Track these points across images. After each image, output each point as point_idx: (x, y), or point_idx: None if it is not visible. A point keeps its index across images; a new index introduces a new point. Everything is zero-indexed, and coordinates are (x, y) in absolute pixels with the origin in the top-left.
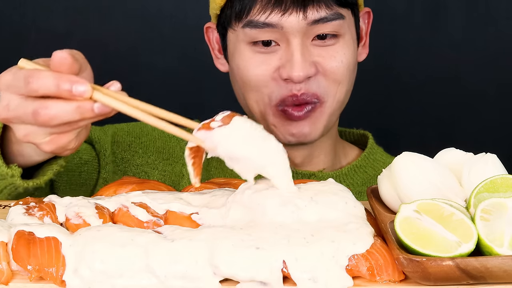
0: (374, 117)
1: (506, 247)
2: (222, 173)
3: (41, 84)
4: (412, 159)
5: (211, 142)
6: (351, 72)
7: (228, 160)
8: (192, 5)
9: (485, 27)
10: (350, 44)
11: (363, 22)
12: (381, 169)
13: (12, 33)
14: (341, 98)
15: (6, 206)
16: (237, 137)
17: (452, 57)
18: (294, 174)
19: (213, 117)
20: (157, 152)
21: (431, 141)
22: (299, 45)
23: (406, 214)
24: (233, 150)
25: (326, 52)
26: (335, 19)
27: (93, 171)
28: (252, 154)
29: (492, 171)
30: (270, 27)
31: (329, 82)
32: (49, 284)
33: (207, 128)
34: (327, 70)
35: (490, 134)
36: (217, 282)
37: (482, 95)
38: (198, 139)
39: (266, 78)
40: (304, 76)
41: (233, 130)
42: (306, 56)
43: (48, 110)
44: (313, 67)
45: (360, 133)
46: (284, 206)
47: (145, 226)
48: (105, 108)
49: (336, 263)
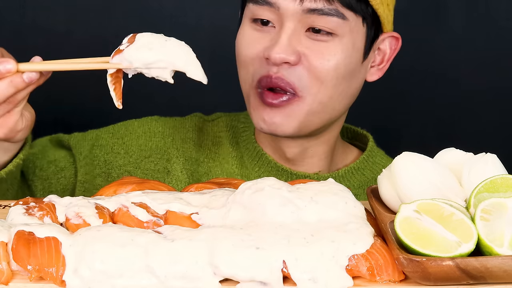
0: (374, 117)
1: (506, 247)
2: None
3: None
4: (412, 159)
5: (127, 62)
6: (338, 75)
7: (146, 71)
8: (192, 5)
9: (485, 27)
10: (347, 49)
11: (389, 47)
12: (380, 172)
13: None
14: (323, 100)
15: (6, 206)
16: (144, 48)
17: (452, 57)
18: (289, 175)
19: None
20: (139, 150)
21: (431, 141)
22: (290, 29)
23: (406, 214)
24: (144, 59)
25: (316, 46)
26: (332, 16)
27: (71, 176)
28: (159, 55)
29: (492, 171)
30: (268, 5)
31: (311, 78)
32: (49, 284)
33: (118, 52)
34: (311, 65)
35: (490, 134)
36: (217, 282)
37: (482, 95)
38: (115, 64)
39: (253, 56)
40: (282, 59)
41: (139, 44)
42: (293, 41)
43: None
44: (295, 55)
45: (360, 132)
46: (284, 206)
47: (145, 226)
48: (32, 74)
49: (336, 263)
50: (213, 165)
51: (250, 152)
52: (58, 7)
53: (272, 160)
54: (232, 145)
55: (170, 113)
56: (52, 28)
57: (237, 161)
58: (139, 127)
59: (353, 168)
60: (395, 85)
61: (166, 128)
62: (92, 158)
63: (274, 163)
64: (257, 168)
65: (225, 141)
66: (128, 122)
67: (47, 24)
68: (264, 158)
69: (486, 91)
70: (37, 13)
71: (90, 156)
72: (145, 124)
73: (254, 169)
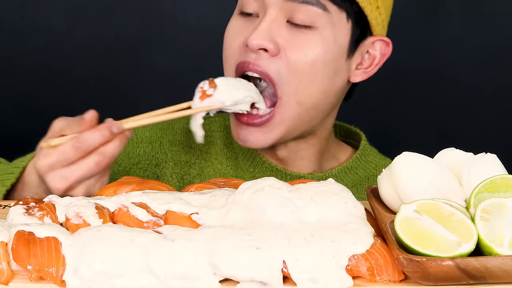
0: (373, 117)
1: (506, 247)
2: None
3: (91, 141)
4: (412, 159)
5: (219, 102)
6: (317, 71)
7: (234, 106)
8: (192, 5)
9: (484, 26)
10: (327, 42)
11: (379, 52)
12: (373, 171)
13: (12, 33)
14: (302, 100)
15: (6, 206)
16: (231, 89)
17: (451, 56)
18: (284, 175)
19: (200, 90)
20: (127, 158)
21: (431, 141)
22: (271, 16)
23: (406, 214)
24: (234, 97)
25: (295, 40)
26: (313, 5)
27: None
28: (245, 93)
29: (492, 171)
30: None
31: (289, 73)
32: (49, 284)
33: (207, 96)
34: (289, 60)
35: (490, 134)
36: (217, 282)
37: (481, 94)
38: (208, 106)
39: (235, 46)
40: (259, 45)
41: (225, 87)
42: (273, 29)
43: (106, 154)
44: (274, 44)
45: (353, 130)
46: (284, 206)
47: (145, 226)
48: (130, 132)
49: (336, 263)
50: (205, 166)
51: (245, 153)
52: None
53: (266, 160)
54: (226, 145)
55: None
56: (52, 28)
57: (232, 162)
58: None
59: (346, 168)
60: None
61: (153, 132)
62: None
63: (268, 163)
64: (251, 168)
65: (219, 141)
66: None
67: (47, 24)
68: (258, 159)
69: (486, 90)
70: (37, 13)
71: None
72: (133, 131)
73: (248, 170)
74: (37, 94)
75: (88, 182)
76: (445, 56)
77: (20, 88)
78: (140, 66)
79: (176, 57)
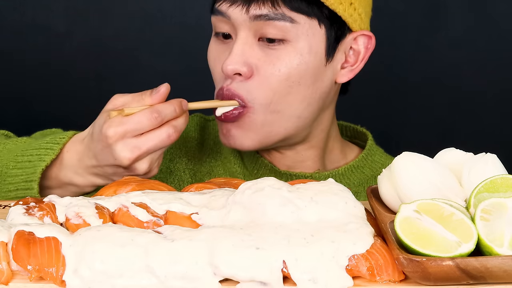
0: (373, 116)
1: (506, 247)
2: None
3: (167, 113)
4: (412, 159)
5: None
6: (293, 83)
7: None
8: (192, 5)
9: (485, 27)
10: (301, 54)
11: (363, 46)
12: (380, 170)
13: (12, 32)
14: (278, 109)
15: (6, 206)
16: None
17: (452, 57)
18: (288, 176)
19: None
20: None
21: (431, 141)
22: (242, 39)
23: (406, 214)
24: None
25: (268, 57)
26: (279, 20)
27: None
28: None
29: (492, 171)
30: (222, 16)
31: (263, 89)
32: (49, 284)
33: None
34: (262, 77)
35: (490, 134)
36: (217, 282)
37: (482, 95)
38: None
39: (217, 72)
40: (233, 70)
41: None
42: (245, 52)
43: (177, 128)
44: (247, 67)
45: (360, 130)
46: (284, 206)
47: (145, 226)
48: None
49: (336, 263)
50: (215, 165)
51: (248, 154)
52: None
53: (268, 163)
54: None
55: None
56: (52, 27)
57: (239, 160)
58: None
59: (352, 166)
60: (395, 85)
61: None
62: None
63: (271, 166)
64: (255, 170)
65: None
66: None
67: (47, 24)
68: (261, 162)
69: (486, 91)
70: (37, 12)
71: None
72: None
73: (253, 171)
74: (37, 93)
75: (154, 155)
76: (446, 57)
77: (20, 86)
78: (140, 66)
79: (176, 58)
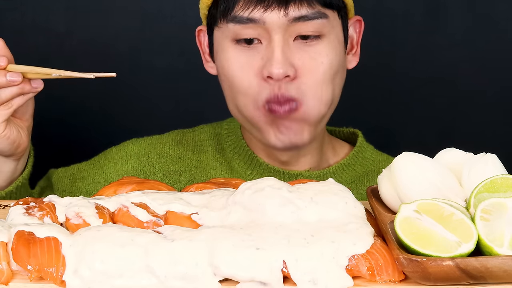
0: (373, 116)
1: (506, 247)
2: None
3: None
4: (412, 159)
5: None
6: (334, 73)
7: None
8: (192, 5)
9: (485, 27)
10: (335, 45)
11: (354, 31)
12: (371, 167)
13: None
14: (328, 98)
15: (6, 206)
16: None
17: (452, 57)
18: (281, 175)
19: None
20: (116, 176)
21: (431, 141)
22: (280, 42)
23: (406, 214)
24: None
25: (307, 54)
26: (317, 18)
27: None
28: None
29: (492, 171)
30: (253, 23)
31: (311, 84)
32: (49, 284)
33: None
34: (308, 74)
35: (490, 134)
36: (217, 282)
37: (482, 95)
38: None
39: (250, 79)
40: (284, 73)
41: None
42: (287, 54)
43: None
44: (293, 68)
45: (351, 131)
46: (284, 206)
47: (145, 226)
48: (15, 75)
49: (336, 263)
50: (197, 172)
51: (241, 156)
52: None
53: (263, 162)
54: (218, 151)
55: (174, 126)
56: (52, 27)
57: (226, 167)
58: (116, 153)
59: (343, 164)
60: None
61: (142, 148)
62: (73, 192)
63: (265, 164)
64: (249, 171)
65: (209, 148)
66: (107, 150)
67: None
68: (256, 161)
69: (486, 91)
70: (37, 12)
71: (71, 190)
72: (122, 149)
73: (246, 173)
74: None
75: None
76: (445, 57)
77: None
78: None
79: (176, 57)
